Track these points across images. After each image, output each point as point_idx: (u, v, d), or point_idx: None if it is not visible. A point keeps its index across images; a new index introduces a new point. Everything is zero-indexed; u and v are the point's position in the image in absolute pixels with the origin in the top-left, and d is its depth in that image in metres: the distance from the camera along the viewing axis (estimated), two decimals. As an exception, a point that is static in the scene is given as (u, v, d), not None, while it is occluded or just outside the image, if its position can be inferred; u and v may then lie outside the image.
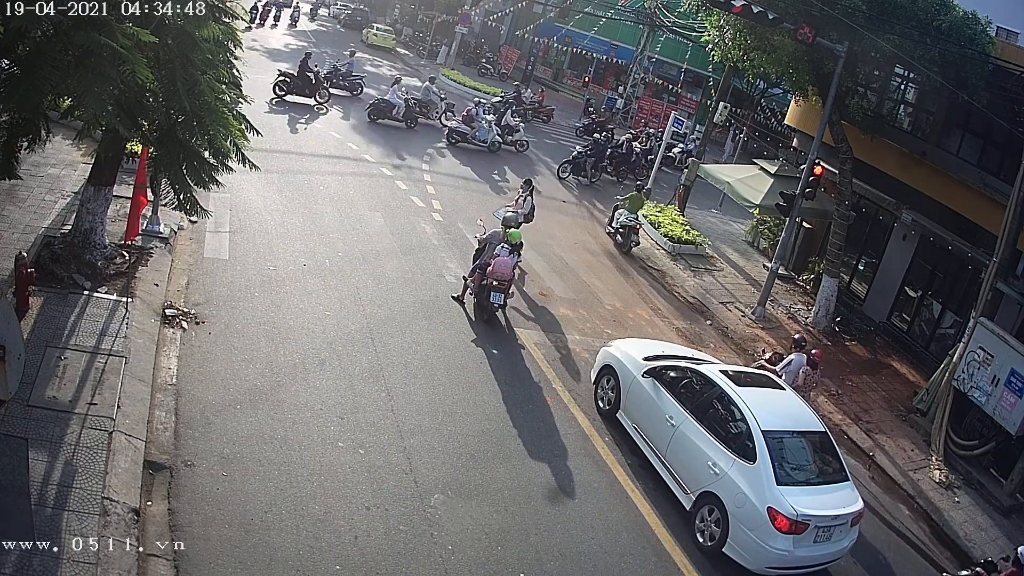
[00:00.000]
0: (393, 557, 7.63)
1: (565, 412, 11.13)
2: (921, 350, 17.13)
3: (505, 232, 13.41)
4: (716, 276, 19.09)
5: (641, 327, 14.92)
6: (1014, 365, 12.48)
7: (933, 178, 16.70)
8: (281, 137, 20.02)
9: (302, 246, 13.85)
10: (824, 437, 9.87)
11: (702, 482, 9.32)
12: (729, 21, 17.82)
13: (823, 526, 8.83)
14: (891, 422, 14.18)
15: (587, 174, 23.98)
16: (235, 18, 11.17)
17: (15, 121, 9.25)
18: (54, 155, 13.89)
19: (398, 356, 11.21)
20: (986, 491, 12.62)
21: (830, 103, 16.21)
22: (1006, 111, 15.03)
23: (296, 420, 9.19)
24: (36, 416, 7.73)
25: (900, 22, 15.06)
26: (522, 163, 24.27)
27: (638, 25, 36.14)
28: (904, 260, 17.93)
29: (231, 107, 11.00)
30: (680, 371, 10.53)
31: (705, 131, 25.43)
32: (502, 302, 12.98)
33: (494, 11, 45.62)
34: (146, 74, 8.46)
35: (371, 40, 42.17)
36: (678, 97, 40.08)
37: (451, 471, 9.14)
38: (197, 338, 10.29)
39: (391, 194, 18.11)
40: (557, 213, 20.40)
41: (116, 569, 6.46)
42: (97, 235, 10.94)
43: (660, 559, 8.86)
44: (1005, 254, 13.48)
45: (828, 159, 17.67)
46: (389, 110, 24.06)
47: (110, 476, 7.33)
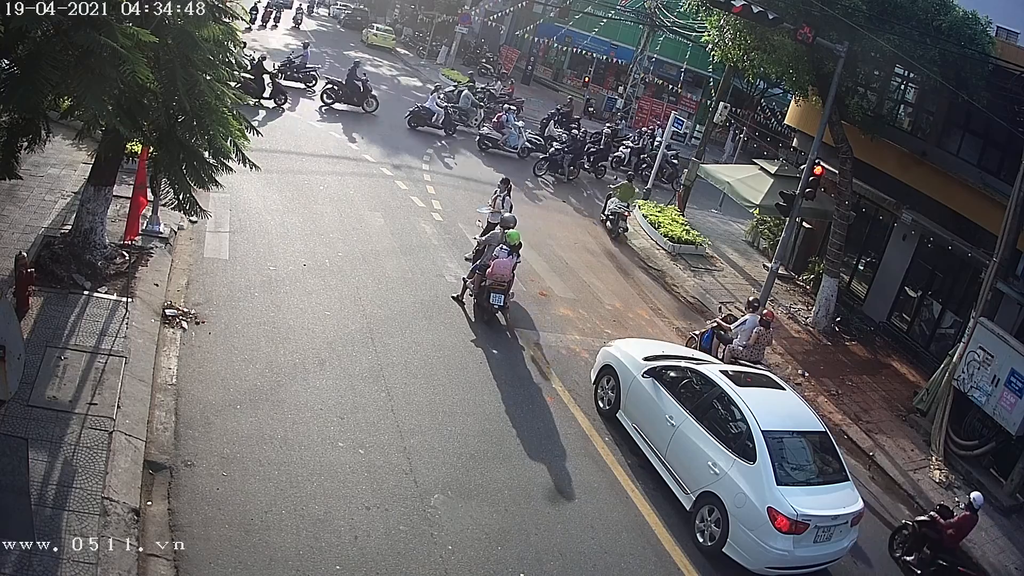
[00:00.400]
0: (393, 557, 7.62)
1: (565, 412, 11.13)
2: (921, 350, 17.13)
3: (504, 233, 13.41)
4: (716, 276, 19.09)
5: (641, 327, 14.92)
6: (1014, 365, 12.47)
7: (933, 178, 16.70)
8: (281, 137, 20.02)
9: (302, 246, 13.85)
10: (824, 437, 9.87)
11: (702, 482, 9.32)
12: (729, 21, 17.83)
13: (823, 526, 8.83)
14: (891, 422, 14.18)
15: (564, 171, 23.41)
16: (235, 18, 11.17)
17: (15, 121, 9.26)
18: (54, 155, 13.89)
19: (398, 356, 11.21)
20: (986, 491, 12.57)
21: (830, 103, 16.20)
22: (1006, 111, 15.02)
23: (296, 420, 9.19)
24: (36, 416, 7.73)
25: (900, 22, 15.06)
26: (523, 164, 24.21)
27: (638, 25, 36.12)
28: (904, 260, 17.93)
29: (231, 107, 11.00)
30: (680, 371, 10.53)
31: (705, 131, 25.44)
32: (502, 303, 12.97)
33: (494, 11, 45.62)
34: (146, 74, 8.47)
35: (371, 40, 42.14)
36: (678, 97, 40.09)
37: (451, 471, 9.14)
38: (197, 338, 10.29)
39: (391, 194, 18.12)
40: (557, 213, 20.41)
41: (116, 569, 6.46)
42: (97, 235, 10.94)
43: (660, 559, 8.86)
44: (1005, 254, 13.48)
45: (828, 159, 17.66)
46: (428, 117, 24.42)
47: (110, 476, 7.33)
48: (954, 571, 9.70)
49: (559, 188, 22.86)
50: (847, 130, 17.29)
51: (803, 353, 16.09)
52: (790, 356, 15.74)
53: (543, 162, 23.33)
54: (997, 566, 10.95)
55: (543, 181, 22.96)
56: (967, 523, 9.91)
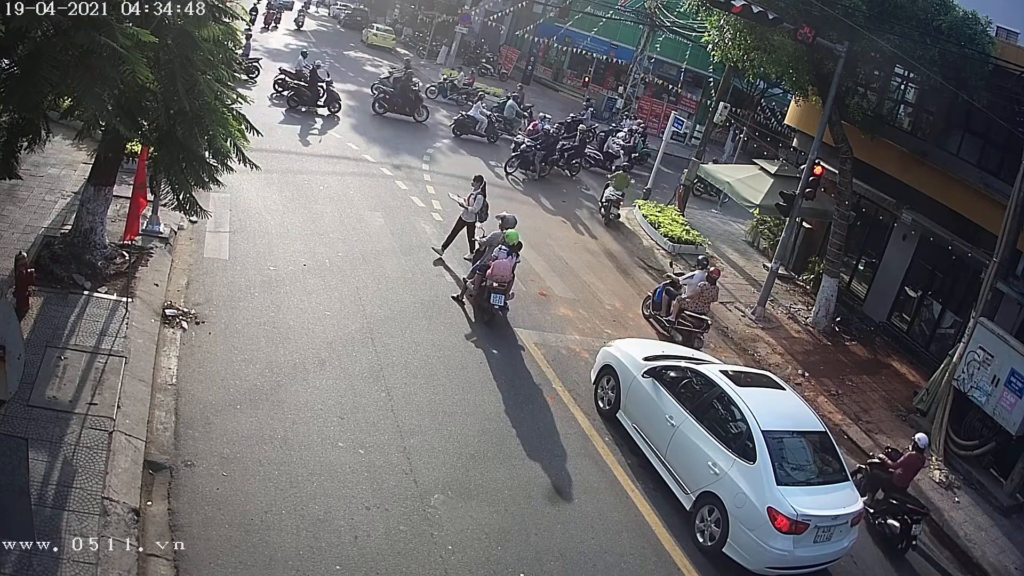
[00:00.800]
0: (393, 557, 7.62)
1: (565, 412, 11.12)
2: (921, 350, 17.12)
3: (503, 233, 13.40)
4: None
5: (641, 327, 14.91)
6: (1014, 365, 12.47)
7: (933, 178, 16.70)
8: (281, 137, 20.02)
9: (302, 246, 13.85)
10: (824, 437, 9.86)
11: (702, 482, 9.32)
12: (729, 21, 17.82)
13: (823, 526, 8.83)
14: (891, 422, 14.18)
15: (535, 168, 22.64)
16: (235, 18, 11.17)
17: (15, 121, 9.25)
18: (54, 155, 13.89)
19: (398, 356, 11.21)
20: (986, 491, 12.61)
21: (830, 103, 16.21)
22: (1006, 111, 15.02)
23: (296, 420, 9.19)
24: (36, 416, 7.73)
25: (900, 22, 15.06)
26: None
27: (638, 25, 36.10)
28: (904, 260, 17.93)
29: (231, 107, 11.00)
30: (680, 371, 10.53)
31: (705, 131, 25.43)
32: (503, 304, 12.97)
33: (494, 11, 45.60)
34: (146, 74, 8.47)
35: (371, 40, 42.14)
36: (678, 97, 40.07)
37: (451, 471, 9.14)
38: (197, 338, 10.29)
39: (391, 194, 18.12)
40: (556, 212, 20.41)
41: (116, 569, 6.46)
42: (97, 235, 10.94)
43: (660, 559, 8.86)
44: (1005, 254, 13.47)
45: (828, 159, 17.67)
46: (472, 125, 24.75)
47: (110, 476, 7.32)
48: (903, 507, 10.49)
49: (529, 186, 22.00)
50: (847, 130, 17.29)
51: (803, 353, 16.09)
52: (790, 356, 15.74)
53: (514, 159, 22.58)
54: (997, 566, 10.95)
55: (513, 179, 22.15)
56: (913, 462, 10.77)
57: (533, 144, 22.77)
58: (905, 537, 10.41)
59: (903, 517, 10.42)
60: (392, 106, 24.65)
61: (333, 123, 23.11)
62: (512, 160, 22.57)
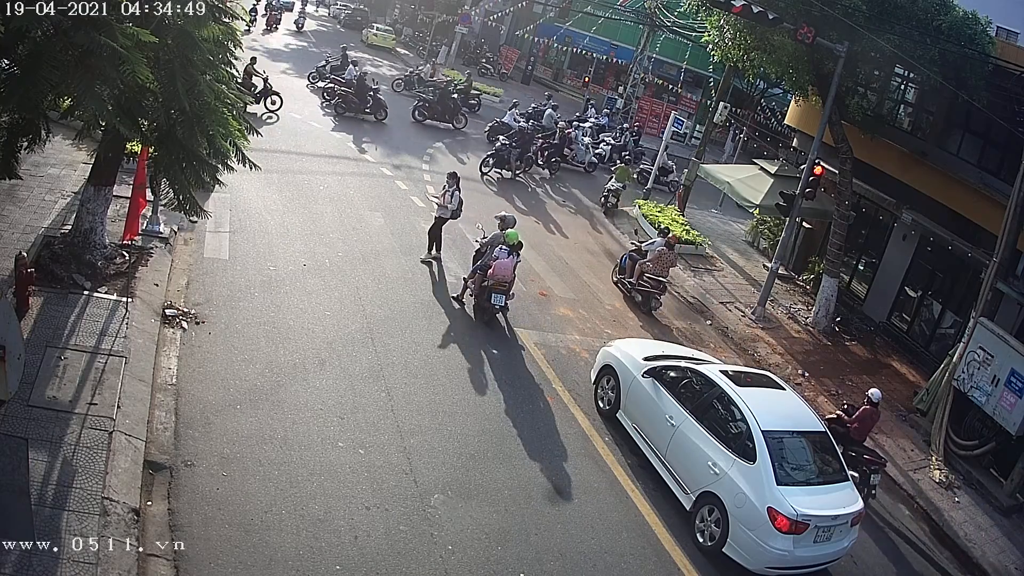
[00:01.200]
0: (393, 557, 7.62)
1: (565, 412, 11.12)
2: (921, 350, 17.13)
3: (503, 233, 13.38)
4: (716, 276, 19.09)
5: (641, 327, 14.92)
6: (1014, 365, 12.47)
7: (933, 178, 16.70)
8: (281, 137, 20.02)
9: (302, 246, 13.85)
10: (824, 437, 9.86)
11: (702, 482, 9.31)
12: (729, 21, 17.82)
13: (823, 526, 8.83)
14: (891, 422, 14.17)
15: (511, 167, 21.80)
16: (235, 18, 11.17)
17: (15, 121, 9.25)
18: (54, 155, 13.89)
19: (398, 356, 11.21)
20: (986, 491, 12.61)
21: (830, 103, 16.21)
22: (1006, 111, 15.02)
23: (296, 420, 9.19)
24: (36, 416, 7.73)
25: (900, 22, 15.06)
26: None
27: (638, 25, 36.09)
28: (904, 260, 17.93)
29: (231, 107, 11.00)
30: (680, 371, 10.53)
31: (705, 131, 25.42)
32: (503, 304, 12.96)
33: (494, 11, 45.61)
34: (146, 74, 8.47)
35: (371, 40, 42.12)
36: (678, 97, 40.08)
37: (451, 471, 9.14)
38: (197, 338, 10.29)
39: (391, 194, 18.12)
40: (556, 212, 20.41)
41: (116, 569, 6.45)
42: (97, 235, 10.94)
43: (660, 559, 8.85)
44: (1005, 254, 13.48)
45: (828, 159, 17.67)
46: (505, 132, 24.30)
47: (110, 476, 7.32)
48: (861, 459, 11.18)
49: (503, 185, 21.33)
50: (847, 130, 17.29)
51: (803, 353, 16.10)
52: (790, 356, 15.75)
53: (489, 158, 21.57)
54: (997, 566, 10.95)
55: (488, 179, 21.35)
56: (868, 416, 11.51)
57: (508, 142, 22.03)
58: (865, 486, 10.97)
59: (862, 468, 11.05)
60: (432, 114, 24.70)
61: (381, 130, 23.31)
62: (487, 159, 21.61)
